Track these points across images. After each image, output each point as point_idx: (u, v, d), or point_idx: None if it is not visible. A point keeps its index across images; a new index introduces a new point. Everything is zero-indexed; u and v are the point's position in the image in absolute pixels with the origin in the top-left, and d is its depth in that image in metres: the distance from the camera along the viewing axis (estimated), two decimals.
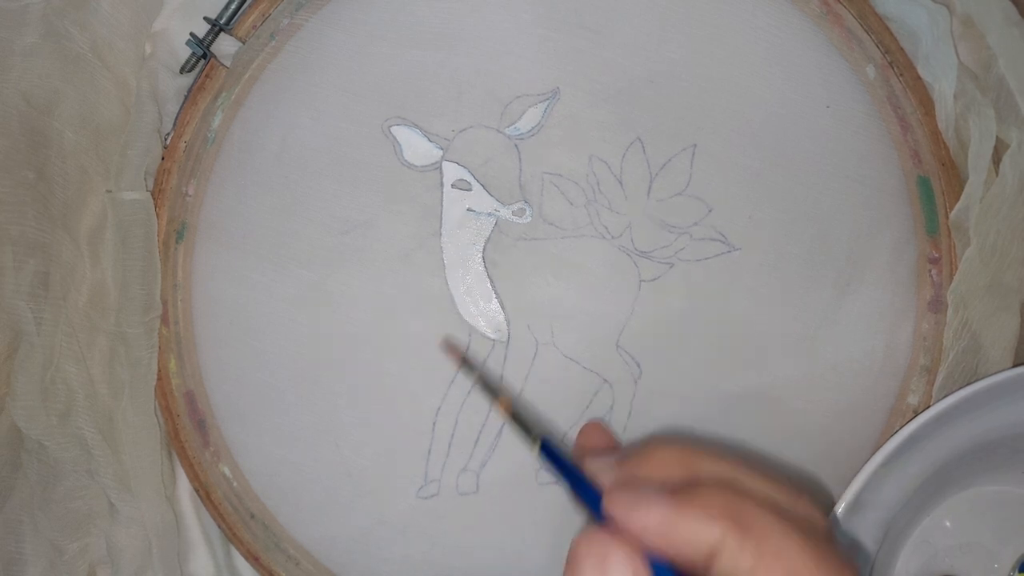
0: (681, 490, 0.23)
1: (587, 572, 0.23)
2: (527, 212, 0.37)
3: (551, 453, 0.28)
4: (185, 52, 0.38)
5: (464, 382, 0.37)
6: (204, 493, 0.38)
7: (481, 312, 0.37)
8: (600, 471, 0.26)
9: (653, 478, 0.25)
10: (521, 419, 0.30)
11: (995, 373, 0.33)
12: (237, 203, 0.37)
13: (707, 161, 0.37)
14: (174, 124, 0.37)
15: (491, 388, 0.35)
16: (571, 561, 0.24)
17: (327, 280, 0.37)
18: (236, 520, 0.38)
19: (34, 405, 0.35)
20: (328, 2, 0.36)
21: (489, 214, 0.37)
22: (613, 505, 0.24)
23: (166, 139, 0.37)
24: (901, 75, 0.37)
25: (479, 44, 0.36)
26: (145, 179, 0.37)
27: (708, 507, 0.23)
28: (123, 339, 0.36)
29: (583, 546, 0.23)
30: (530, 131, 0.37)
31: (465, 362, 0.36)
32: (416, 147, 0.37)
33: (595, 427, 0.31)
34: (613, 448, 0.28)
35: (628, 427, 0.38)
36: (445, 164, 0.37)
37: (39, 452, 0.36)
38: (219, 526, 0.38)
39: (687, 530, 0.23)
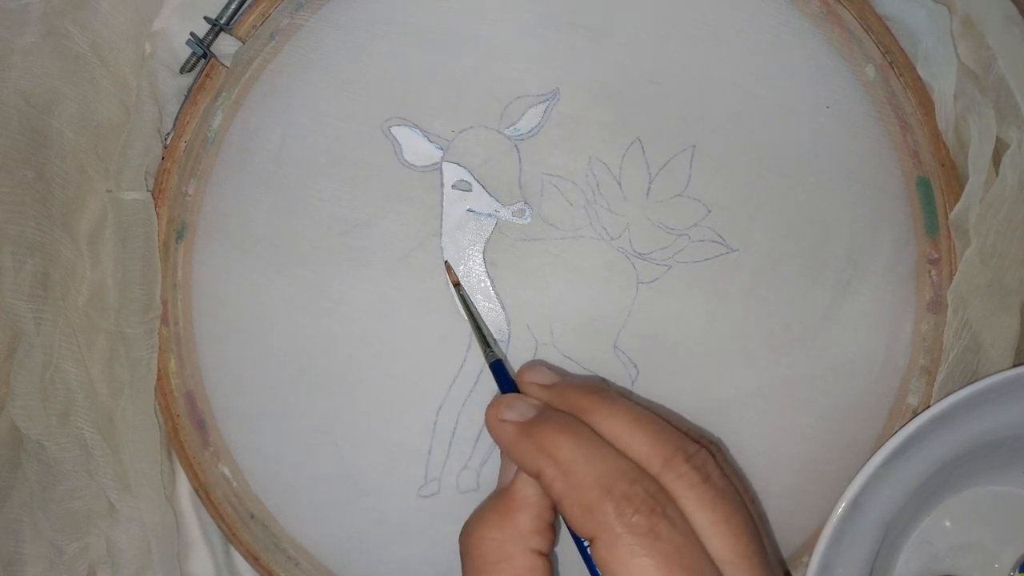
0: (530, 422, 0.30)
1: (503, 458, 0.32)
2: (527, 213, 0.37)
3: (499, 371, 0.34)
4: (185, 52, 0.38)
5: (466, 380, 0.37)
6: (204, 493, 0.38)
7: (481, 312, 0.37)
8: (529, 388, 0.33)
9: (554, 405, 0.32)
10: (485, 338, 0.36)
11: (995, 373, 0.33)
12: (237, 203, 0.37)
13: (706, 162, 0.37)
14: (174, 124, 0.37)
15: (470, 311, 0.36)
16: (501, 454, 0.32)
17: (327, 280, 0.37)
18: (236, 520, 0.38)
19: (33, 405, 0.35)
20: (327, 2, 0.36)
21: (489, 215, 0.37)
22: (487, 420, 0.31)
23: (166, 139, 0.37)
24: (901, 75, 0.37)
25: (479, 44, 0.36)
26: (145, 179, 0.37)
27: (537, 440, 0.29)
28: (123, 339, 0.36)
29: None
30: (530, 132, 0.37)
31: (459, 286, 0.36)
32: (416, 147, 0.37)
33: (539, 365, 0.35)
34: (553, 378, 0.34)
35: None
36: (445, 164, 0.37)
37: (39, 452, 0.36)
38: (219, 526, 0.38)
39: (520, 454, 0.30)
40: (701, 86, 0.36)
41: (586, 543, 0.28)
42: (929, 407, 0.33)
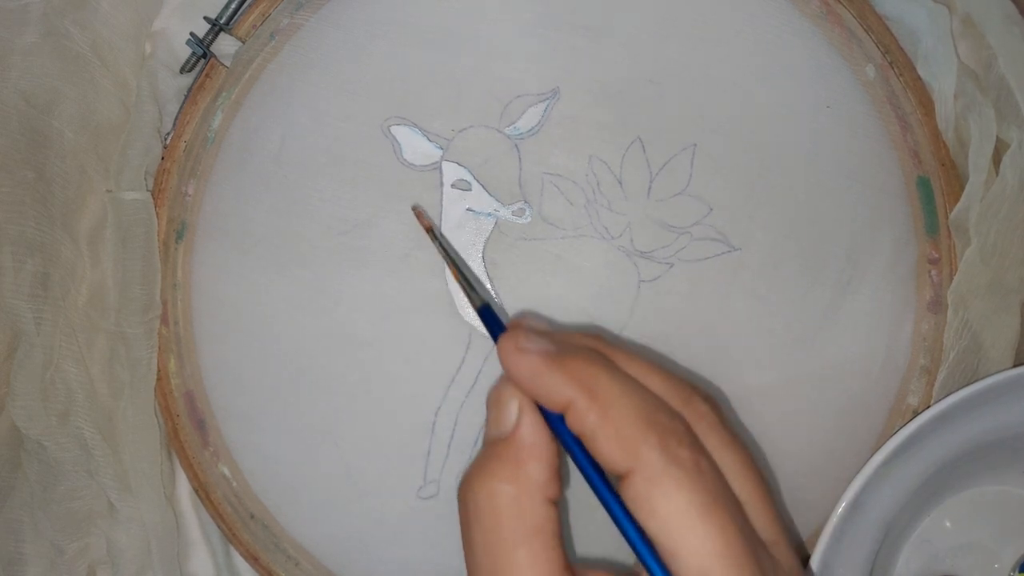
0: (556, 352, 0.28)
1: (489, 409, 0.29)
2: (527, 212, 0.37)
3: (488, 316, 0.32)
4: (185, 52, 0.38)
5: (464, 382, 0.37)
6: (204, 493, 0.38)
7: None
8: (525, 331, 0.30)
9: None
10: (469, 282, 0.33)
11: (995, 373, 0.33)
12: (237, 203, 0.37)
13: (707, 161, 0.37)
14: (174, 124, 0.37)
15: (449, 256, 0.34)
16: (487, 402, 0.30)
17: (327, 280, 0.37)
18: (236, 520, 0.38)
19: (34, 405, 0.35)
20: (328, 2, 0.36)
21: (489, 214, 0.37)
22: (501, 351, 0.29)
23: (166, 139, 0.37)
24: (901, 75, 0.37)
25: (479, 43, 0.36)
26: (145, 179, 0.37)
27: (568, 370, 0.27)
28: (123, 339, 0.36)
29: (491, 390, 0.29)
30: (530, 131, 0.37)
31: (431, 232, 0.35)
32: (416, 147, 0.37)
33: (533, 315, 0.35)
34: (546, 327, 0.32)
35: None
36: (445, 164, 0.37)
37: (39, 452, 0.36)
38: (219, 526, 0.38)
39: (547, 385, 0.27)
40: (701, 86, 0.36)
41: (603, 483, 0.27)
42: (929, 407, 0.33)
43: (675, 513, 0.25)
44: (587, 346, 0.29)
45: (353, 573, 0.38)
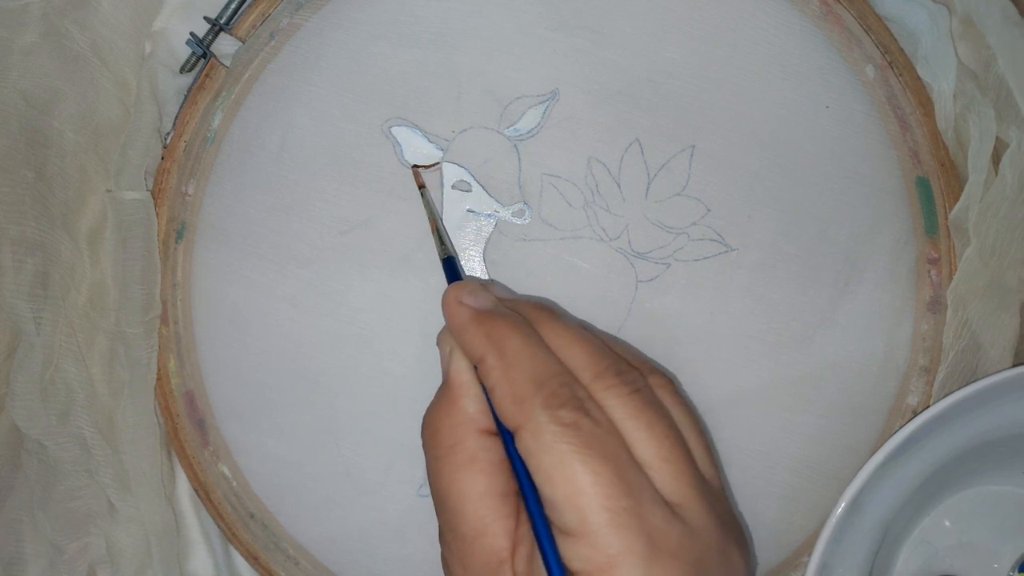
0: (485, 312, 0.31)
1: (440, 347, 0.32)
2: (526, 213, 0.37)
3: (450, 267, 0.34)
4: (185, 52, 0.38)
5: None
6: (203, 493, 0.38)
7: None
8: (471, 287, 0.32)
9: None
10: (440, 235, 0.35)
11: (995, 373, 0.33)
12: (237, 203, 0.37)
13: (706, 162, 0.37)
14: (174, 124, 0.37)
15: (431, 210, 0.36)
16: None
17: (327, 280, 0.37)
18: (235, 520, 0.38)
19: (34, 405, 0.35)
20: (328, 2, 0.36)
21: (489, 215, 0.37)
22: (444, 299, 0.31)
23: (166, 139, 0.37)
24: (900, 75, 0.37)
25: (479, 44, 0.36)
26: (145, 179, 0.37)
27: (487, 328, 0.30)
28: (123, 339, 0.36)
29: (440, 333, 0.33)
30: (529, 132, 0.37)
31: (423, 188, 0.36)
32: (416, 147, 0.37)
33: (500, 285, 0.37)
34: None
35: None
36: (445, 165, 0.37)
37: (39, 452, 0.36)
38: (218, 526, 0.38)
39: (468, 338, 0.30)
40: (700, 86, 0.36)
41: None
42: (929, 407, 0.33)
43: (553, 465, 0.27)
44: (522, 312, 0.31)
45: (353, 572, 0.38)
